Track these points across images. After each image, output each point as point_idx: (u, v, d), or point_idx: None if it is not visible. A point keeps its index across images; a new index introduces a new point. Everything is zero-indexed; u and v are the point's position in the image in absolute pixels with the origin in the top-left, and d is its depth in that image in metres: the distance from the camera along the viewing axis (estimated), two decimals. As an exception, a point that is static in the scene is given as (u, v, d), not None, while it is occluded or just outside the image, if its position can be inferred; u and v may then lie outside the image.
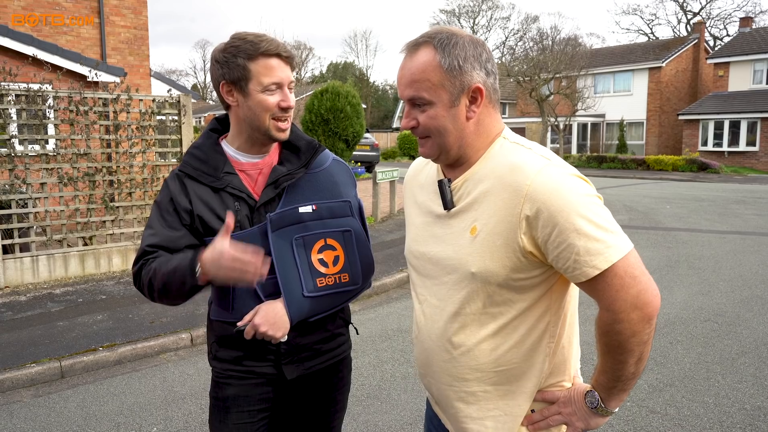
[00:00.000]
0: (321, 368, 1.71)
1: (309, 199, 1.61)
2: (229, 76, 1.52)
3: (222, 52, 1.53)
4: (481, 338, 1.27)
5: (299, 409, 1.73)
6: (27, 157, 6.23)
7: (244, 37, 1.51)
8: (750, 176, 21.93)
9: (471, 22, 45.61)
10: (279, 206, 1.58)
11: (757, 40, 26.64)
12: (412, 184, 1.51)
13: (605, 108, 29.70)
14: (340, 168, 1.72)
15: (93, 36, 11.78)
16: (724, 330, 4.85)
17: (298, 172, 1.61)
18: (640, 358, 1.18)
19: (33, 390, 3.95)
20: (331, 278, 1.61)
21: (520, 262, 1.20)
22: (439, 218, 1.34)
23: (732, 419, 3.35)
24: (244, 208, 1.57)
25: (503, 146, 1.28)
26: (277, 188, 1.58)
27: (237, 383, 1.64)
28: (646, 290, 1.14)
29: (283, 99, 1.53)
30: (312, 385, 1.72)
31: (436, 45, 1.23)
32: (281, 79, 1.52)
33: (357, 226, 1.67)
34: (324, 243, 1.61)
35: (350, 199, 1.68)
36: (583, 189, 1.18)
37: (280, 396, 1.70)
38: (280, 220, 1.57)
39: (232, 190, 1.57)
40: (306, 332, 1.64)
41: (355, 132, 16.46)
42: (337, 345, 1.75)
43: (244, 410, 1.64)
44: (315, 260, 1.59)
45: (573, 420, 1.28)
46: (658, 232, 9.48)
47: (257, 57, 1.49)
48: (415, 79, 1.23)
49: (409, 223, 1.49)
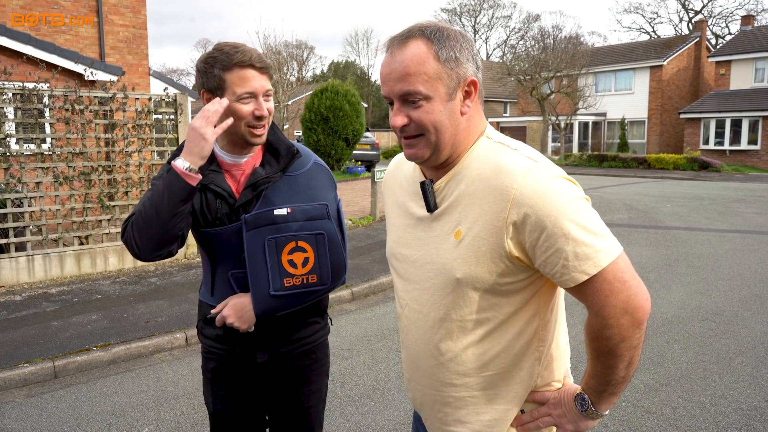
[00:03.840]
0: (296, 353, 1.79)
1: (286, 202, 1.68)
2: (207, 86, 1.61)
3: (202, 62, 1.62)
4: (468, 344, 1.24)
5: (275, 389, 1.81)
6: (23, 156, 6.21)
7: (221, 48, 1.60)
8: (751, 175, 21.85)
9: (472, 20, 45.61)
10: (256, 207, 1.66)
11: (758, 38, 26.54)
12: (392, 183, 1.47)
13: (606, 107, 29.63)
14: (320, 171, 1.78)
15: (92, 35, 11.77)
16: (721, 329, 4.82)
17: (275, 176, 1.68)
18: (630, 362, 1.16)
19: (26, 390, 3.93)
20: (299, 279, 1.68)
21: (506, 266, 1.17)
22: (421, 220, 1.30)
23: (728, 419, 3.32)
24: (225, 206, 1.66)
25: (488, 146, 1.24)
26: (255, 190, 1.67)
27: (217, 359, 1.80)
28: (636, 295, 1.11)
29: (257, 108, 1.60)
30: (285, 366, 1.79)
31: (429, 36, 1.17)
32: (255, 89, 1.59)
33: (331, 229, 1.72)
34: (295, 245, 1.67)
35: (327, 202, 1.74)
36: (571, 192, 1.14)
37: (257, 375, 1.79)
38: (254, 221, 1.65)
39: (215, 187, 1.66)
40: (278, 321, 1.73)
41: (355, 130, 16.44)
42: (311, 333, 1.82)
43: (225, 383, 1.80)
44: (285, 261, 1.66)
45: (563, 422, 1.25)
46: (658, 231, 9.44)
47: (232, 68, 1.57)
48: (410, 72, 1.15)
49: (389, 224, 1.45)
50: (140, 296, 5.70)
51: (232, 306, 1.66)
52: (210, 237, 1.68)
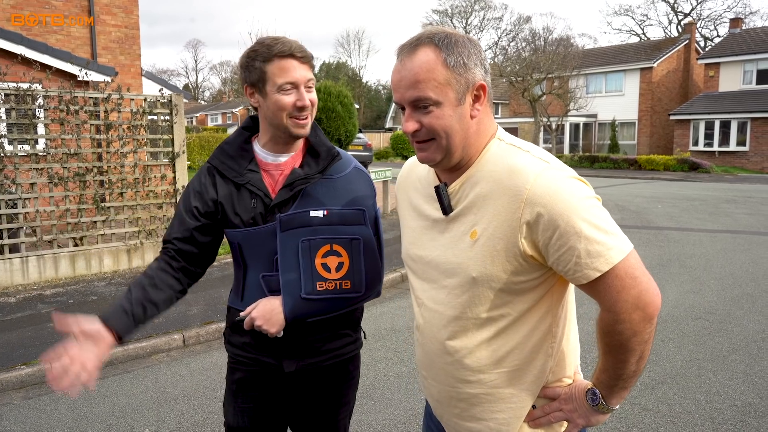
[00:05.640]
0: (326, 365, 1.73)
1: (323, 204, 1.64)
2: (249, 80, 1.61)
3: (244, 57, 1.62)
4: (482, 340, 1.27)
5: (304, 402, 1.77)
6: (17, 156, 6.17)
7: (262, 41, 1.60)
8: (740, 176, 22.10)
9: (463, 22, 45.72)
10: (292, 208, 1.63)
11: (747, 41, 26.86)
12: (406, 185, 1.49)
13: (597, 108, 29.84)
14: (360, 177, 1.74)
15: (83, 35, 11.70)
16: (715, 327, 4.88)
17: (314, 177, 1.65)
18: (641, 356, 1.18)
19: (23, 392, 3.91)
20: (332, 283, 1.62)
21: (520, 265, 1.20)
22: (436, 222, 1.33)
23: (723, 416, 3.37)
24: (260, 205, 1.64)
25: (500, 147, 1.26)
26: (292, 190, 1.63)
27: (244, 369, 1.74)
28: (647, 290, 1.14)
29: (299, 98, 1.58)
30: (316, 380, 1.74)
31: (437, 43, 1.20)
32: (296, 79, 1.57)
33: (368, 235, 1.67)
34: (330, 248, 1.62)
35: (366, 209, 1.69)
36: (583, 191, 1.17)
37: (284, 387, 1.75)
38: (289, 222, 1.61)
39: (252, 187, 1.64)
40: (307, 330, 1.68)
41: (348, 132, 16.44)
42: (342, 345, 1.75)
43: (249, 395, 1.74)
44: (318, 264, 1.62)
45: (574, 417, 1.28)
46: (650, 232, 9.54)
47: (272, 59, 1.57)
48: (420, 79, 1.19)
49: (404, 225, 1.47)
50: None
51: (261, 308, 1.60)
52: (243, 237, 1.64)
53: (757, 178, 21.20)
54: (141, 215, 6.99)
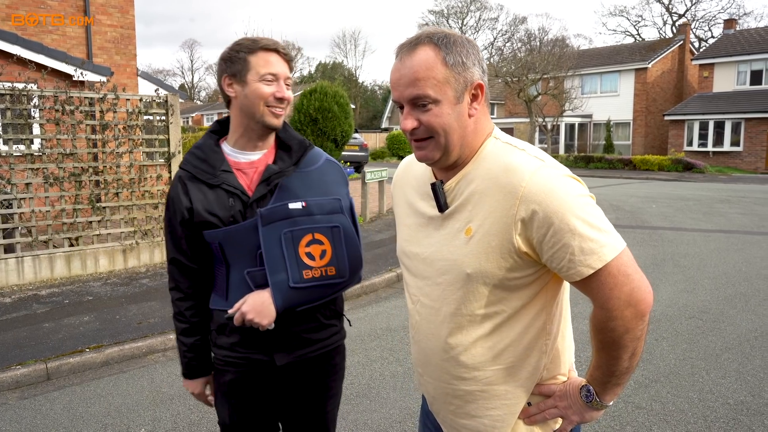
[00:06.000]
0: (313, 356, 1.77)
1: (300, 196, 1.68)
2: (230, 70, 1.65)
3: (228, 51, 1.67)
4: (477, 337, 1.28)
5: (294, 395, 1.80)
6: (12, 156, 6.16)
7: (246, 37, 1.67)
8: (734, 176, 22.22)
9: (459, 22, 45.76)
10: (271, 202, 1.66)
11: (741, 42, 27.00)
12: (402, 183, 1.50)
13: (592, 108, 29.94)
14: (332, 167, 1.79)
15: (79, 35, 11.66)
16: (708, 327, 4.92)
17: (288, 169, 1.69)
18: (633, 353, 1.20)
19: (18, 392, 3.91)
20: (318, 270, 1.67)
21: (515, 262, 1.21)
22: (432, 219, 1.34)
23: (716, 414, 3.40)
24: (238, 203, 1.66)
25: (496, 146, 1.28)
26: (269, 185, 1.66)
27: (234, 370, 1.75)
28: (639, 288, 1.16)
29: (279, 90, 1.64)
30: (305, 372, 1.78)
31: (437, 42, 1.22)
32: (278, 72, 1.63)
33: (346, 223, 1.73)
34: (312, 237, 1.67)
35: (341, 197, 1.75)
36: (577, 190, 1.19)
37: (275, 382, 1.77)
38: (270, 215, 1.64)
39: (227, 186, 1.66)
40: (296, 322, 1.71)
41: (344, 132, 16.44)
42: (328, 335, 1.80)
43: (241, 394, 1.76)
44: (302, 253, 1.66)
45: (568, 413, 1.30)
46: (645, 231, 9.58)
47: (257, 51, 1.62)
48: (419, 77, 1.20)
49: (399, 223, 1.49)
50: (132, 297, 5.67)
51: (251, 302, 1.61)
52: (224, 236, 1.66)
53: (750, 178, 21.32)
54: (137, 215, 6.98)
